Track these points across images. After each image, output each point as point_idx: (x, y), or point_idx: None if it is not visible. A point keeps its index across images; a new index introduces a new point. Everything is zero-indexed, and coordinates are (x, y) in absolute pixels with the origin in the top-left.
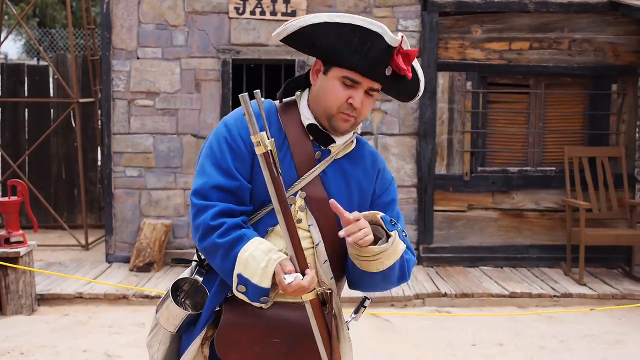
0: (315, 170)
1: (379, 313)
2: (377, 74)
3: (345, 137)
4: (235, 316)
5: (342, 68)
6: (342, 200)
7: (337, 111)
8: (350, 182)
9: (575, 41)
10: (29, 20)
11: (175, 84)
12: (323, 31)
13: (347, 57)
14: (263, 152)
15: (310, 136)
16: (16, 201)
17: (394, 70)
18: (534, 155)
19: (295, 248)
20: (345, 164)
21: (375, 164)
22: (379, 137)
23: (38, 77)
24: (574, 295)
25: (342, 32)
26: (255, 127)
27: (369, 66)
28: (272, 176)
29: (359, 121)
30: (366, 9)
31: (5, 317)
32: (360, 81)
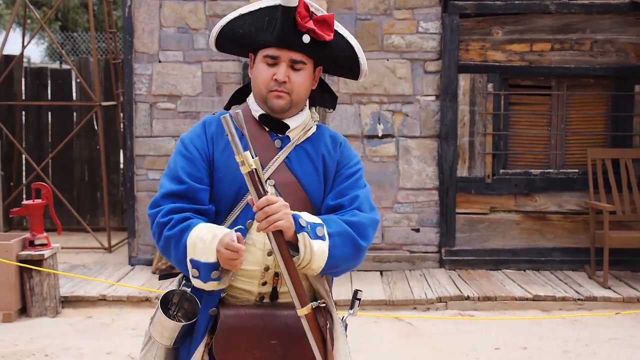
0: (279, 158)
1: (401, 316)
2: (291, 43)
3: (298, 119)
4: (233, 320)
5: (261, 49)
6: (312, 180)
7: (267, 90)
8: (315, 160)
9: (597, 42)
10: (52, 24)
11: (196, 87)
12: (239, 24)
13: (261, 38)
14: (248, 171)
15: (266, 127)
16: (40, 204)
17: (312, 38)
18: (556, 157)
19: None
20: (307, 146)
21: (336, 141)
22: (400, 139)
23: (61, 80)
24: (599, 298)
25: (254, 19)
26: (239, 147)
27: (279, 37)
28: (258, 194)
29: (294, 98)
30: (386, 10)
31: (29, 319)
32: (277, 55)
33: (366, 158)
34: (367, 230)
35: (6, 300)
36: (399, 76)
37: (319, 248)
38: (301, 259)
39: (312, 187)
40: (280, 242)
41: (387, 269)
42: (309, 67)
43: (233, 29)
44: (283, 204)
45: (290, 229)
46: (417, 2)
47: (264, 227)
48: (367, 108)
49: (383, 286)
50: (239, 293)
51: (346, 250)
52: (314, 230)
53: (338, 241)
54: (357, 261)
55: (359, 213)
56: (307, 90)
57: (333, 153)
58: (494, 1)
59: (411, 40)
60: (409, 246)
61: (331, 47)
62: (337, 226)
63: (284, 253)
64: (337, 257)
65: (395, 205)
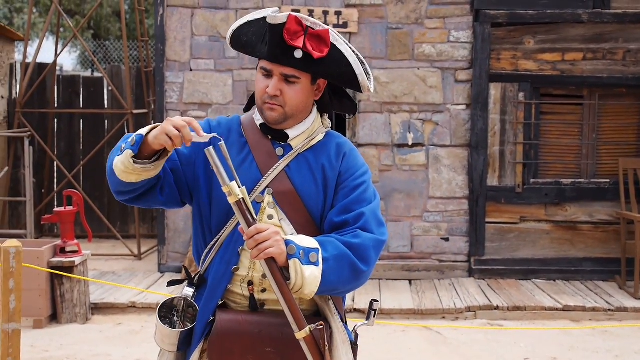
0: (279, 166)
1: (430, 325)
2: (282, 58)
3: (300, 128)
4: (228, 324)
5: (259, 60)
6: (310, 190)
7: (261, 102)
8: (315, 171)
9: (630, 52)
10: (84, 33)
11: (227, 95)
12: (245, 30)
13: (258, 48)
14: (235, 201)
15: (268, 135)
16: (72, 211)
17: (305, 53)
18: (587, 167)
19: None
20: (309, 155)
21: (340, 150)
22: (430, 148)
23: (93, 88)
24: (629, 309)
25: (257, 28)
26: (225, 178)
27: (271, 51)
28: (248, 222)
29: (288, 111)
30: (417, 20)
31: (60, 325)
32: (270, 68)
33: (396, 167)
34: (368, 252)
35: (37, 306)
36: (429, 85)
37: (311, 274)
38: (292, 284)
39: (310, 197)
40: (273, 269)
41: (416, 278)
42: (305, 80)
43: (240, 35)
44: (274, 230)
45: (281, 255)
46: (448, 11)
47: (255, 254)
48: (397, 117)
49: (412, 295)
50: (239, 299)
51: (343, 274)
52: (307, 255)
53: (334, 265)
54: (358, 283)
55: (362, 234)
56: (304, 103)
57: (335, 163)
58: (526, 10)
59: (442, 49)
60: (438, 255)
61: (326, 62)
62: (335, 249)
63: (278, 279)
64: (332, 282)
65: (425, 214)
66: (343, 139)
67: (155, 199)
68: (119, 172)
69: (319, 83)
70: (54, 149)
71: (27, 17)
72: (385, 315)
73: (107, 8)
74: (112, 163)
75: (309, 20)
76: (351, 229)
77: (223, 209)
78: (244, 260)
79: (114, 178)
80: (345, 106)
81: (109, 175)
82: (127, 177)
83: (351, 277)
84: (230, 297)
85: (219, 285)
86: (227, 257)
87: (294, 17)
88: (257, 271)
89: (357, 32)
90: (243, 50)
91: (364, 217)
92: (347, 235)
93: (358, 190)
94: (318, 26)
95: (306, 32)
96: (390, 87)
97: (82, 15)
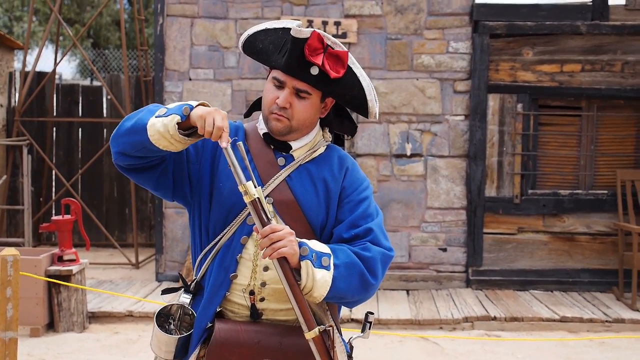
0: (280, 176)
1: (428, 336)
2: (298, 72)
3: (303, 140)
4: (227, 334)
5: (272, 69)
6: (310, 200)
7: (268, 112)
8: (317, 182)
9: (628, 63)
10: (84, 41)
11: (226, 104)
12: (262, 37)
13: (274, 58)
14: (251, 200)
15: (271, 145)
16: (70, 220)
17: (321, 71)
18: (585, 178)
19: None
20: (311, 167)
21: (343, 164)
22: (429, 158)
23: (92, 97)
24: (627, 320)
25: (275, 36)
26: (241, 177)
27: (287, 63)
28: (262, 222)
29: (294, 124)
30: (416, 30)
31: (57, 334)
32: (283, 80)
33: (394, 177)
34: (377, 266)
35: (34, 314)
36: (428, 96)
37: (322, 277)
38: (302, 286)
39: (310, 208)
40: (285, 269)
41: (414, 288)
42: (315, 97)
43: (255, 41)
44: (288, 231)
45: (294, 256)
46: (447, 22)
47: (269, 253)
48: (396, 127)
49: (409, 305)
50: (237, 308)
51: (352, 283)
52: (320, 259)
53: (344, 272)
54: (366, 295)
55: (373, 247)
56: (311, 119)
57: (337, 176)
58: (524, 22)
59: (441, 60)
60: (435, 265)
61: (340, 83)
62: (346, 257)
63: (289, 279)
64: (341, 288)
65: (423, 224)
66: (344, 152)
67: (150, 177)
68: (152, 133)
69: (327, 102)
70: (53, 157)
71: (27, 25)
72: (382, 325)
73: (107, 17)
74: (139, 122)
75: (330, 39)
76: (361, 242)
77: (222, 213)
78: (243, 269)
79: (129, 137)
80: (345, 127)
81: (123, 134)
82: (158, 141)
83: (360, 287)
84: (228, 306)
85: (217, 292)
86: (225, 264)
87: (317, 33)
88: (256, 280)
89: (356, 43)
90: (255, 56)
91: (373, 233)
92: (358, 247)
93: (363, 205)
94: (338, 46)
95: (325, 51)
96: (389, 97)
97: (82, 24)
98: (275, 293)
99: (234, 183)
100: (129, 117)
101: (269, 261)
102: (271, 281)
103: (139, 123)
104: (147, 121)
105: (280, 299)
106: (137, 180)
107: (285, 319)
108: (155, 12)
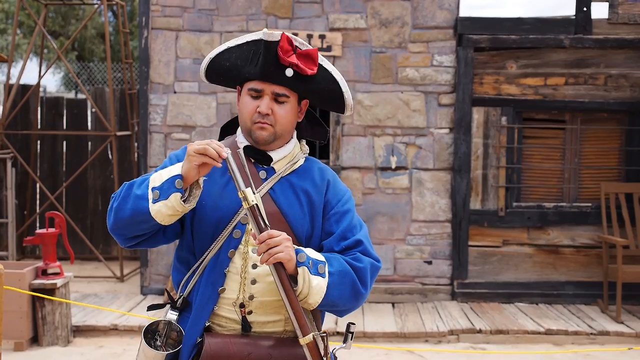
0: (263, 189)
1: (413, 349)
2: (274, 76)
3: (283, 151)
4: (217, 347)
5: (246, 82)
6: (295, 212)
7: (251, 123)
8: (299, 193)
9: (611, 77)
10: (68, 54)
11: (211, 117)
12: (226, 56)
13: (246, 71)
14: (249, 207)
15: (251, 159)
16: (54, 233)
17: (295, 71)
18: (569, 191)
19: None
20: (292, 178)
21: (324, 176)
22: (414, 171)
23: (76, 110)
24: (611, 333)
25: (240, 52)
26: (241, 184)
27: (262, 70)
28: (260, 228)
29: (278, 130)
30: (401, 44)
31: (41, 347)
32: (260, 88)
33: (379, 190)
34: (367, 276)
35: (18, 329)
36: (413, 109)
37: (317, 284)
38: (299, 292)
39: (296, 219)
40: (282, 274)
41: (399, 301)
42: (293, 100)
43: (221, 61)
44: (285, 237)
45: (290, 262)
46: (432, 35)
47: (266, 259)
48: (380, 140)
49: (395, 318)
50: (224, 322)
51: (345, 291)
52: (316, 266)
53: (338, 280)
54: (356, 304)
55: (364, 258)
56: (292, 123)
57: (320, 187)
58: (508, 35)
59: (425, 73)
60: (421, 278)
61: (315, 80)
62: (340, 265)
63: (285, 284)
64: (334, 296)
65: (408, 237)
66: (322, 164)
67: (159, 239)
68: (162, 218)
69: (302, 105)
70: (37, 170)
71: (11, 38)
72: (368, 338)
73: (92, 30)
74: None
75: (297, 40)
76: (352, 252)
77: (209, 229)
78: (231, 283)
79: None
80: (316, 132)
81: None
82: (164, 220)
83: (351, 296)
84: (216, 320)
85: (205, 307)
86: (212, 279)
87: (286, 36)
88: (245, 292)
89: (341, 56)
90: (221, 77)
91: (363, 244)
92: (350, 257)
93: (348, 216)
94: (305, 46)
95: (295, 52)
96: (374, 110)
97: (66, 37)
98: (263, 306)
99: (215, 200)
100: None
101: (256, 274)
102: (259, 294)
103: (124, 215)
104: (147, 209)
105: (267, 311)
106: (150, 246)
107: (273, 330)
108: (140, 25)
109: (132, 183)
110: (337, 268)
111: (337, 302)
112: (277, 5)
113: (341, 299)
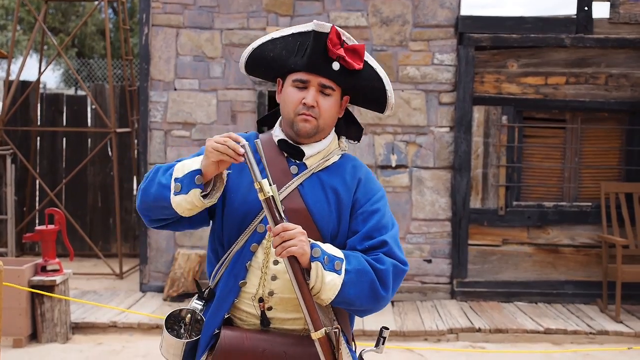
0: (292, 184)
1: (412, 347)
2: (321, 68)
3: (318, 146)
4: (232, 341)
5: (291, 73)
6: (322, 209)
7: (294, 114)
8: (327, 191)
9: (612, 76)
10: (68, 51)
11: (211, 115)
12: (270, 47)
13: (292, 62)
14: (265, 198)
15: (284, 153)
16: (53, 230)
17: (342, 66)
18: (569, 190)
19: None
20: (323, 175)
21: (356, 174)
22: (414, 170)
23: (76, 106)
24: (610, 332)
25: (286, 43)
26: (257, 174)
27: (310, 61)
28: (275, 220)
29: (321, 123)
30: (402, 42)
31: (40, 344)
32: (307, 79)
33: None
34: (389, 278)
35: (17, 325)
36: (413, 107)
37: (331, 280)
38: (311, 286)
39: (322, 217)
40: (295, 268)
41: (399, 300)
42: (337, 94)
43: (264, 51)
44: (300, 231)
45: (304, 256)
46: (432, 34)
47: (279, 252)
48: (381, 138)
49: (394, 317)
50: (245, 316)
51: (362, 290)
52: (332, 262)
53: (354, 279)
54: (376, 306)
55: (387, 259)
56: (334, 117)
57: (350, 186)
58: (509, 34)
59: (426, 72)
60: (420, 277)
61: (360, 76)
62: (358, 264)
63: (299, 278)
64: (350, 294)
65: (408, 235)
66: (359, 162)
67: (184, 224)
68: (182, 210)
69: (344, 101)
70: (37, 167)
71: (11, 34)
72: (367, 336)
73: (92, 26)
74: (156, 197)
75: (345, 35)
76: (375, 253)
77: (236, 222)
78: (252, 277)
79: (156, 211)
80: (351, 131)
81: (147, 207)
82: (184, 213)
83: (369, 297)
84: (237, 313)
85: (226, 298)
86: (235, 271)
87: (336, 29)
88: (264, 288)
89: None
90: (263, 68)
91: (388, 245)
92: (371, 257)
93: (376, 216)
94: (352, 41)
95: (342, 46)
96: None
97: (67, 33)
98: (283, 302)
99: (245, 193)
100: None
101: (277, 270)
102: (279, 290)
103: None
104: (169, 197)
105: (287, 309)
106: (174, 229)
107: (293, 328)
108: (141, 22)
109: (158, 168)
110: (355, 266)
111: (353, 301)
112: (278, 2)
113: (359, 298)
